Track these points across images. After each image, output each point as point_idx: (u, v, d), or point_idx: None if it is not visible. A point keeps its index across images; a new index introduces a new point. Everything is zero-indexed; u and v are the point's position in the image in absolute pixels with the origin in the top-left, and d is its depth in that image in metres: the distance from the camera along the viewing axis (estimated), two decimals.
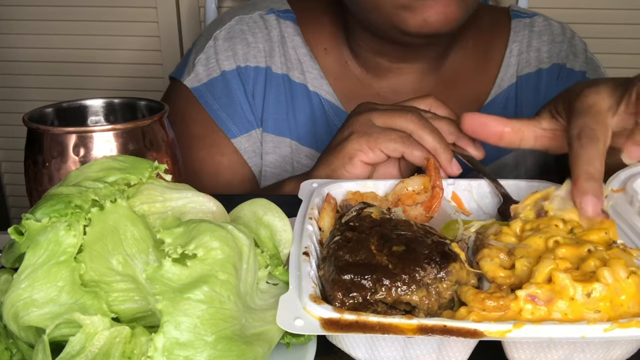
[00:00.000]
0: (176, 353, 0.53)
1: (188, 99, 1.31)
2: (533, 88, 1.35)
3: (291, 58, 1.32)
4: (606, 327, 0.58)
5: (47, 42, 2.60)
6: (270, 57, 1.32)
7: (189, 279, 0.56)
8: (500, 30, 1.39)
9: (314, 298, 0.62)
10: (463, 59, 1.35)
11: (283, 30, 1.33)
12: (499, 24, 1.40)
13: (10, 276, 0.62)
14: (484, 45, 1.38)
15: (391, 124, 0.98)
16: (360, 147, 0.99)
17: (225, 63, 1.30)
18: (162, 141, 0.86)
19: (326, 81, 1.32)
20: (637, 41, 2.40)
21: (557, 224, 0.73)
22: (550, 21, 1.41)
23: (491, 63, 1.37)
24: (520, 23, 1.39)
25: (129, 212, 0.60)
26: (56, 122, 0.90)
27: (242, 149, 1.31)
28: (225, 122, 1.30)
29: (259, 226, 0.71)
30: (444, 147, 0.95)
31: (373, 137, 0.98)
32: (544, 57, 1.36)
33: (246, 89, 1.31)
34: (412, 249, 0.67)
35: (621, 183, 0.84)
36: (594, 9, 2.37)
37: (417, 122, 0.96)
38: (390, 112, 0.98)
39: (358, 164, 0.99)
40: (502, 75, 1.35)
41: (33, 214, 0.60)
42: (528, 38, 1.37)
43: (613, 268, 0.62)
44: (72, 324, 0.57)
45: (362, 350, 0.64)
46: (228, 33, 1.33)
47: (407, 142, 0.96)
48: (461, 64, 1.35)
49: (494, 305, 0.62)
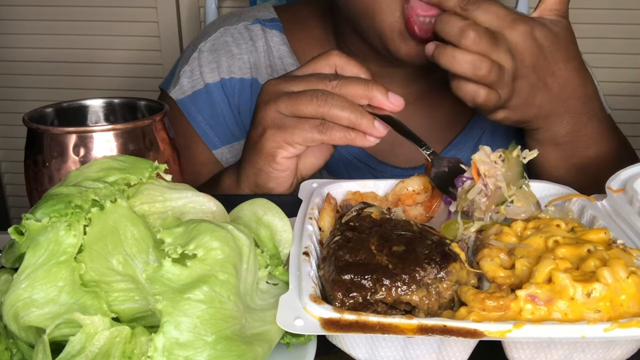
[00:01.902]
0: (176, 353, 0.53)
1: (173, 110, 1.30)
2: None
3: (277, 69, 1.31)
4: (606, 327, 0.58)
5: (47, 42, 2.60)
6: (255, 69, 1.31)
7: (189, 279, 0.56)
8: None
9: (314, 298, 0.62)
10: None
11: (269, 40, 1.32)
12: None
13: (10, 276, 0.62)
14: None
15: (299, 112, 0.94)
16: (278, 145, 0.96)
17: (209, 76, 1.30)
18: (162, 141, 0.86)
19: None
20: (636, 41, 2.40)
21: (557, 224, 0.73)
22: None
23: None
24: None
25: (129, 212, 0.60)
26: (56, 122, 0.90)
27: (224, 160, 1.30)
28: (207, 134, 1.29)
29: (259, 226, 0.71)
30: (360, 116, 0.91)
31: (288, 132, 0.95)
32: None
33: (230, 102, 1.30)
34: (412, 249, 0.67)
35: (621, 183, 0.84)
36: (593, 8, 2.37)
37: (324, 105, 0.91)
38: (295, 99, 0.94)
39: (281, 161, 0.97)
40: None
41: (33, 214, 0.60)
42: None
43: (613, 268, 0.62)
44: (72, 324, 0.57)
45: (362, 350, 0.64)
46: (212, 45, 1.32)
47: (323, 129, 0.93)
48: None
49: (494, 305, 0.62)
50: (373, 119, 0.91)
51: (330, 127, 0.92)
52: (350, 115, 0.91)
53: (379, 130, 0.91)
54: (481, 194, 0.78)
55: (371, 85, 0.92)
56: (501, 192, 0.77)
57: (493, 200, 0.77)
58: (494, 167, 0.78)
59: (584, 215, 0.79)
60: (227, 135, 1.30)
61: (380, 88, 0.92)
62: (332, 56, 0.98)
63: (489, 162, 0.78)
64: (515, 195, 0.77)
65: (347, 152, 1.27)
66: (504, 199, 0.77)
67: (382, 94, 0.92)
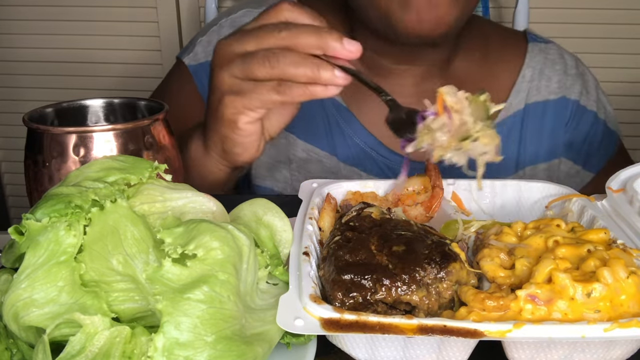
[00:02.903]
0: (176, 353, 0.53)
1: (184, 75, 1.32)
2: (538, 118, 1.33)
3: None
4: (606, 327, 0.58)
5: (47, 42, 2.60)
6: None
7: (189, 279, 0.56)
8: (515, 52, 1.37)
9: (314, 298, 0.62)
10: (469, 69, 1.33)
11: None
12: (514, 45, 1.38)
13: (10, 276, 0.62)
14: (494, 63, 1.35)
15: (253, 76, 0.90)
16: (238, 111, 0.93)
17: None
18: (162, 141, 0.86)
19: None
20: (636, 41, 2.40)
21: (557, 224, 0.73)
22: (563, 52, 1.39)
23: (501, 84, 1.35)
24: (536, 47, 1.37)
25: (129, 212, 0.60)
26: (56, 122, 0.90)
27: None
28: None
29: (259, 226, 0.71)
30: (317, 69, 0.86)
31: (246, 97, 0.91)
32: (554, 87, 1.34)
33: None
34: (412, 249, 0.67)
35: (621, 183, 0.84)
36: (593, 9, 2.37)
37: (277, 65, 0.87)
38: (247, 63, 0.90)
39: (244, 126, 0.95)
40: (511, 100, 1.33)
41: (33, 214, 0.60)
42: (542, 65, 1.35)
43: (613, 268, 0.62)
44: (72, 324, 0.57)
45: (362, 350, 0.64)
46: (232, 23, 1.32)
47: (281, 89, 0.89)
48: (467, 75, 1.32)
49: (494, 305, 0.62)
50: (332, 68, 0.85)
51: (289, 86, 0.88)
52: (307, 70, 0.86)
53: (340, 78, 0.86)
54: (444, 129, 0.73)
55: (324, 33, 0.86)
56: (466, 129, 0.72)
57: (457, 136, 0.73)
58: (460, 103, 0.74)
59: (584, 215, 0.79)
60: None
61: (335, 35, 0.86)
62: (283, 10, 0.92)
63: (456, 98, 0.74)
64: (481, 132, 0.73)
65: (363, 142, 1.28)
66: (469, 134, 0.72)
67: (337, 41, 0.86)
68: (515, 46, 1.38)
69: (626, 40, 2.39)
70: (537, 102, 1.33)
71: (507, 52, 1.37)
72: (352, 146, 1.29)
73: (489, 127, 0.74)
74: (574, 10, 2.35)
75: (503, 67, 1.35)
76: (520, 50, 1.37)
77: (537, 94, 1.33)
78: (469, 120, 0.73)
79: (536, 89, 1.34)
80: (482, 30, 1.38)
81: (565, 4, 2.35)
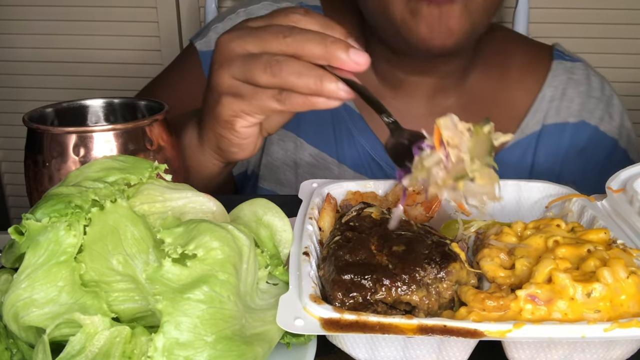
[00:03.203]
0: (176, 353, 0.53)
1: (193, 59, 1.30)
2: (555, 141, 1.28)
3: None
4: (606, 327, 0.58)
5: (47, 42, 2.60)
6: None
7: (189, 279, 0.56)
8: (537, 68, 1.31)
9: (314, 298, 0.62)
10: (485, 85, 1.29)
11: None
12: (537, 60, 1.32)
13: (10, 276, 0.62)
14: (513, 80, 1.30)
15: (254, 82, 0.86)
16: (235, 114, 0.90)
17: None
18: (162, 141, 0.86)
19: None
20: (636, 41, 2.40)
21: (558, 224, 0.73)
22: (590, 72, 1.33)
23: (519, 103, 1.29)
24: (561, 66, 1.31)
25: (129, 212, 0.60)
26: (56, 122, 0.90)
27: None
28: None
29: (259, 226, 0.71)
30: (320, 82, 0.81)
31: (245, 101, 0.88)
32: (574, 109, 1.28)
33: None
34: (412, 249, 0.67)
35: (621, 183, 0.84)
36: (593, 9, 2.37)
37: (279, 74, 0.83)
38: (248, 67, 0.86)
39: (241, 130, 0.92)
40: (528, 120, 1.28)
41: (33, 214, 0.60)
42: (564, 85, 1.29)
43: (613, 268, 0.62)
44: (72, 324, 0.57)
45: (362, 350, 0.64)
46: (249, 13, 1.29)
47: (281, 99, 0.85)
48: (482, 91, 1.28)
49: (494, 305, 0.62)
50: (336, 81, 0.81)
51: (289, 95, 0.84)
52: (309, 82, 0.82)
53: (344, 92, 0.82)
54: (440, 165, 0.68)
55: (330, 43, 0.81)
56: (463, 166, 0.67)
57: (452, 174, 0.68)
58: (459, 137, 0.68)
59: (584, 215, 0.79)
60: None
61: (341, 45, 0.81)
62: (294, 13, 0.87)
63: (455, 131, 0.68)
64: (478, 172, 0.67)
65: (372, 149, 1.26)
66: (465, 173, 0.67)
67: (343, 52, 0.81)
68: (539, 63, 1.32)
69: (626, 40, 2.39)
70: (555, 124, 1.28)
71: (528, 70, 1.31)
72: (361, 153, 1.27)
73: (487, 166, 0.68)
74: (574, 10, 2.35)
75: (522, 85, 1.30)
76: (543, 68, 1.31)
77: (556, 115, 1.28)
78: (466, 158, 0.67)
79: (556, 109, 1.28)
80: (504, 45, 1.33)
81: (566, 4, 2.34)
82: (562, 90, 1.29)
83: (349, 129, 1.27)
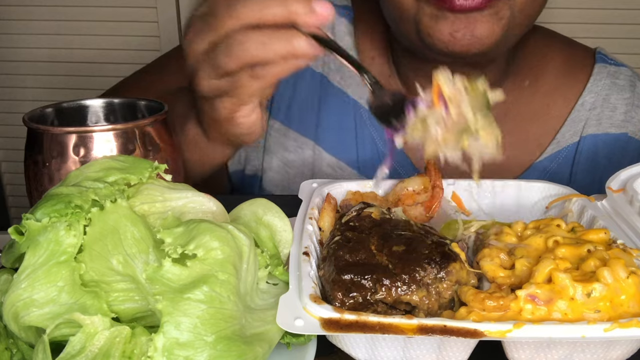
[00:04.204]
0: (176, 353, 0.53)
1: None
2: (592, 153, 1.17)
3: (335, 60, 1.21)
4: (606, 327, 0.58)
5: (47, 42, 2.60)
6: None
7: (189, 279, 0.56)
8: (577, 73, 1.20)
9: (314, 298, 0.62)
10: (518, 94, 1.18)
11: (335, 28, 1.21)
12: (578, 65, 1.21)
13: (10, 276, 0.62)
14: (550, 87, 1.20)
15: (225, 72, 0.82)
16: (231, 110, 0.87)
17: None
18: (162, 141, 0.86)
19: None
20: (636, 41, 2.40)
21: (558, 224, 0.73)
22: (636, 78, 1.21)
23: (556, 111, 1.18)
24: (604, 70, 1.19)
25: (129, 212, 0.60)
26: (56, 122, 0.89)
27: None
28: None
29: (259, 226, 0.71)
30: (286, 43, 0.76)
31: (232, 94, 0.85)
32: (617, 119, 1.17)
33: None
34: (412, 249, 0.67)
35: (621, 183, 0.84)
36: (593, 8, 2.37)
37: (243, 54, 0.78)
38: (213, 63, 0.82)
39: (243, 121, 0.88)
40: (565, 130, 1.17)
41: (33, 214, 0.60)
42: (607, 91, 1.18)
43: (613, 268, 0.62)
44: (72, 324, 0.57)
45: (362, 350, 0.64)
46: None
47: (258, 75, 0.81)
48: (514, 101, 1.17)
49: (494, 305, 0.62)
50: (305, 36, 0.76)
51: (264, 69, 0.80)
52: (276, 47, 0.77)
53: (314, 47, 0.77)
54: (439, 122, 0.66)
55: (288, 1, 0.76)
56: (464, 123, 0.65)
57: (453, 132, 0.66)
58: (459, 93, 0.66)
59: (584, 215, 0.79)
60: None
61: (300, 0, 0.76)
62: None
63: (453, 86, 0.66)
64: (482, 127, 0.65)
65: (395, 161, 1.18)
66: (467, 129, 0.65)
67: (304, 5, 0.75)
68: (579, 68, 1.21)
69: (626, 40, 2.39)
70: (594, 135, 1.17)
71: (567, 75, 1.21)
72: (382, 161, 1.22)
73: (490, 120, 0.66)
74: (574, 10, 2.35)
75: (559, 92, 1.19)
76: (584, 73, 1.20)
77: (597, 125, 1.17)
78: (469, 114, 0.65)
79: (596, 119, 1.17)
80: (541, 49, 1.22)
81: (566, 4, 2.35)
82: (604, 97, 1.18)
83: (372, 136, 1.21)
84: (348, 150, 1.21)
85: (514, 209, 0.88)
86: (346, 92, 1.22)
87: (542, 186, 0.87)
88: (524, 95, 1.19)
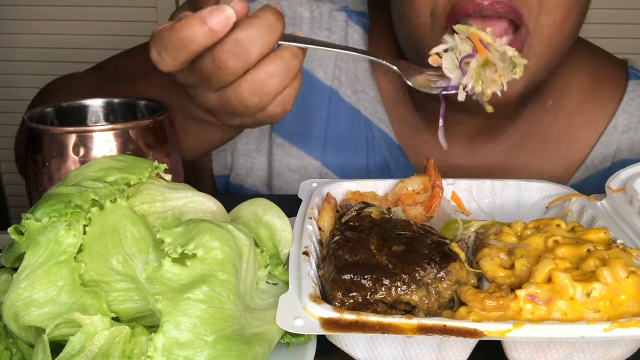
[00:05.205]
0: (176, 353, 0.53)
1: None
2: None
3: (348, 72, 1.12)
4: (606, 327, 0.58)
5: (47, 42, 2.60)
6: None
7: (189, 279, 0.56)
8: (607, 91, 1.08)
9: (314, 298, 0.62)
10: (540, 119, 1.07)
11: (348, 36, 1.13)
12: (608, 81, 1.09)
13: (10, 276, 0.62)
14: (577, 104, 1.08)
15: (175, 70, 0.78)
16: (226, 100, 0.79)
17: None
18: (162, 141, 0.86)
19: (382, 107, 1.10)
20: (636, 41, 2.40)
21: (558, 224, 0.73)
22: None
23: (584, 133, 1.07)
24: (639, 88, 1.07)
25: (129, 212, 0.60)
26: (56, 122, 0.90)
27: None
28: None
29: (259, 226, 0.71)
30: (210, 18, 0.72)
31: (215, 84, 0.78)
32: None
33: None
34: (412, 249, 0.67)
35: (621, 183, 0.84)
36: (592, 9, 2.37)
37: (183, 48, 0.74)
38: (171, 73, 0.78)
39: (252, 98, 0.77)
40: (595, 154, 1.06)
41: (33, 214, 0.60)
42: None
43: (613, 268, 0.62)
44: (72, 324, 0.57)
45: (362, 350, 0.64)
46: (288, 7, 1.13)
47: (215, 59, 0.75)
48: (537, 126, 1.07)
49: (494, 305, 0.62)
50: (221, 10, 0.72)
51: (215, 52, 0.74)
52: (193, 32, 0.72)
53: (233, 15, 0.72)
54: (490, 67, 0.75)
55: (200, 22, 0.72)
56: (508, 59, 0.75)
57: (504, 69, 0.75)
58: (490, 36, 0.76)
59: (584, 215, 0.79)
60: None
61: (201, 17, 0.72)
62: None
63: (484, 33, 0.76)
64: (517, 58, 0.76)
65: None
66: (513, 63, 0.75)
67: (200, 29, 0.72)
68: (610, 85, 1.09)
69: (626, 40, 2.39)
70: (628, 161, 1.04)
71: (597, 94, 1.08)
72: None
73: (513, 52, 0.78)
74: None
75: (588, 113, 1.08)
76: (616, 92, 1.08)
77: (630, 150, 1.06)
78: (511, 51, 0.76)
79: (629, 143, 1.06)
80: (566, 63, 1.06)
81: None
82: (638, 119, 1.07)
83: (386, 161, 1.14)
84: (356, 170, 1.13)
85: (514, 209, 0.88)
86: (358, 110, 1.13)
87: (542, 186, 0.87)
88: (548, 118, 1.09)
